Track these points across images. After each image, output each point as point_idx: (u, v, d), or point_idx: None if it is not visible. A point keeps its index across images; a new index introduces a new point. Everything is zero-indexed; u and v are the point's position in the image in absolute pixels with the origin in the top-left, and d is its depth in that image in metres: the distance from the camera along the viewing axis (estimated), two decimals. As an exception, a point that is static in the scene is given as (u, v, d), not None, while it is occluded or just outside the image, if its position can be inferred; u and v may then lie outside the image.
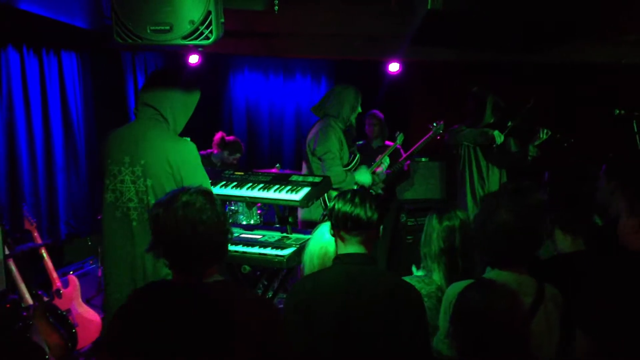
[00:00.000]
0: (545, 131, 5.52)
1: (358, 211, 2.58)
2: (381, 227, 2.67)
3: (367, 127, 6.44)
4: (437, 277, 3.13)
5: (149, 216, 2.26)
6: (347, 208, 2.59)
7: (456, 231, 3.12)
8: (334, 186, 4.55)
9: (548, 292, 2.61)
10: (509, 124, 5.63)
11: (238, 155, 6.51)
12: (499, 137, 5.58)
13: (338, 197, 2.68)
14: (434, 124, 5.94)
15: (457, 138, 5.82)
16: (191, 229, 2.10)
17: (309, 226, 4.57)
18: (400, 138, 5.99)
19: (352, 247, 2.62)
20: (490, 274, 2.65)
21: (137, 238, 3.35)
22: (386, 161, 5.81)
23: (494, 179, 5.72)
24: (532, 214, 2.66)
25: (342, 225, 2.61)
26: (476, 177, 5.75)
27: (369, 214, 2.59)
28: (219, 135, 6.53)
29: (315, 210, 4.84)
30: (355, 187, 4.89)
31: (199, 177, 3.35)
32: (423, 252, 3.23)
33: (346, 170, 5.09)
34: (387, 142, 6.39)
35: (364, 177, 5.17)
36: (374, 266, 2.65)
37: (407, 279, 3.04)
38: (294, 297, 2.60)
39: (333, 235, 2.69)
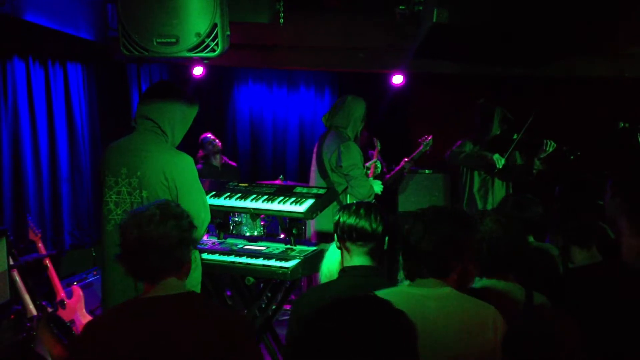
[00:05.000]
0: (550, 143, 5.36)
1: (363, 223, 2.60)
2: (386, 238, 2.68)
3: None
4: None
5: None
6: (352, 220, 2.61)
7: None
8: (365, 199, 4.53)
9: (537, 299, 2.62)
10: (515, 136, 5.53)
11: (210, 138, 6.75)
12: (498, 161, 5.41)
13: (343, 209, 2.69)
14: (424, 139, 5.90)
15: (456, 162, 5.75)
16: (139, 242, 2.16)
17: (324, 238, 4.54)
18: (379, 144, 5.92)
19: (359, 259, 2.63)
20: (479, 282, 2.66)
21: None
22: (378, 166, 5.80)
23: (500, 193, 5.61)
24: (515, 224, 2.68)
25: (347, 237, 2.63)
26: (477, 190, 5.69)
27: (374, 225, 2.61)
28: (199, 153, 6.73)
29: (331, 222, 4.77)
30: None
31: (194, 190, 3.32)
32: None
33: None
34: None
35: (377, 186, 5.13)
36: (381, 278, 2.65)
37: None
38: (299, 309, 2.61)
39: (339, 247, 2.70)
